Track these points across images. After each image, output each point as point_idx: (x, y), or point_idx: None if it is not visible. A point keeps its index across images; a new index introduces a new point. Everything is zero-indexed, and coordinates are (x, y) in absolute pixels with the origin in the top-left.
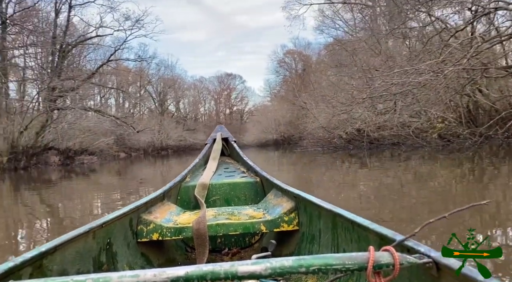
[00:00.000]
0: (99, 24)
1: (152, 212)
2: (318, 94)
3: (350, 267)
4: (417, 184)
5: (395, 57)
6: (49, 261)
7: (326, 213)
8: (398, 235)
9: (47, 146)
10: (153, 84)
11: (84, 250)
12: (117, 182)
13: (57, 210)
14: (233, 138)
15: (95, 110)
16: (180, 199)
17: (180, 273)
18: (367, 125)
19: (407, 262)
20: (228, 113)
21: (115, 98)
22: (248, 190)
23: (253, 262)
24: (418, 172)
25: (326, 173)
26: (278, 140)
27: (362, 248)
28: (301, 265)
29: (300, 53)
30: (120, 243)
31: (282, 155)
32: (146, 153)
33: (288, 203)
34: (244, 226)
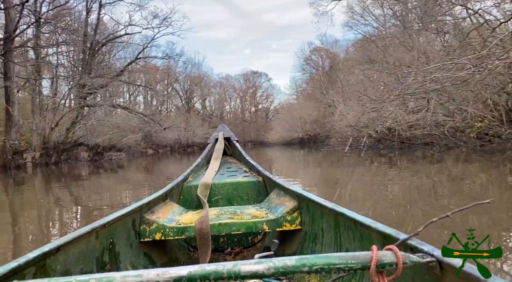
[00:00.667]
0: (128, 22)
1: (155, 211)
2: (346, 92)
3: (353, 266)
4: (452, 186)
5: (429, 53)
6: (52, 261)
7: (329, 212)
8: (401, 234)
9: (77, 142)
10: (180, 82)
11: (87, 250)
12: (144, 178)
13: (85, 204)
14: (235, 138)
15: (123, 107)
16: (183, 199)
17: (183, 273)
18: (399, 124)
19: (411, 261)
20: (253, 111)
21: (143, 96)
22: (251, 189)
23: (256, 262)
24: (454, 173)
25: (354, 173)
26: (303, 139)
27: (365, 247)
28: (303, 265)
29: (327, 51)
30: (123, 243)
31: (308, 154)
32: (173, 150)
33: (290, 202)
34: (247, 226)
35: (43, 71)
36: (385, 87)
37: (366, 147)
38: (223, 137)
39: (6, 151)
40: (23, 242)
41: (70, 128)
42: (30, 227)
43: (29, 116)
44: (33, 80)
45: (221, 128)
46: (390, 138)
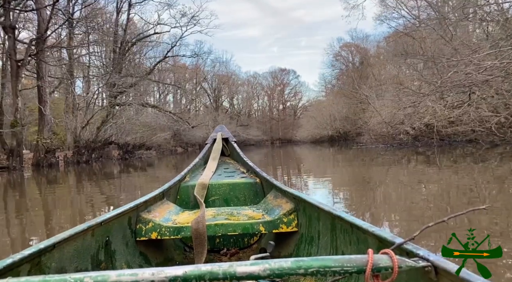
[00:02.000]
0: (157, 22)
1: (151, 211)
2: (380, 87)
3: (349, 270)
4: (497, 188)
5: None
6: (48, 258)
7: (326, 215)
8: (397, 238)
9: (107, 141)
10: (208, 80)
11: (83, 248)
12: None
13: (114, 202)
14: (233, 139)
15: (152, 106)
16: (180, 199)
17: (178, 273)
18: (438, 120)
19: (406, 266)
20: (281, 109)
21: (173, 94)
22: (248, 190)
23: (252, 263)
24: (499, 174)
25: (389, 173)
26: (333, 136)
27: (361, 250)
28: (299, 267)
29: (357, 46)
30: (118, 242)
31: (338, 152)
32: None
33: (287, 204)
34: (243, 227)
35: (76, 71)
36: (423, 81)
37: (402, 144)
38: (221, 138)
39: (39, 149)
40: None
41: (100, 127)
42: (62, 223)
43: (64, 116)
44: (66, 80)
45: (219, 129)
46: (429, 135)
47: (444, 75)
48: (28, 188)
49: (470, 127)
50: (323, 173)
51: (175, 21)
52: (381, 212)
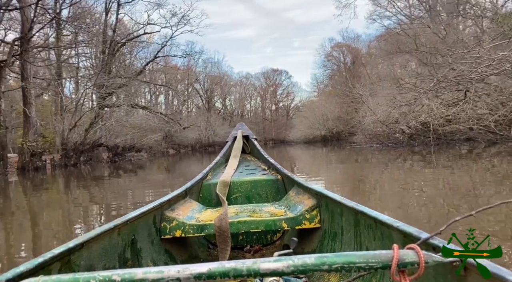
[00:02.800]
0: (147, 22)
1: (175, 209)
2: (373, 86)
3: (374, 265)
4: (496, 187)
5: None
6: (77, 256)
7: (348, 211)
8: (423, 233)
9: (96, 143)
10: (200, 81)
11: (110, 246)
12: (164, 179)
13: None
14: (253, 136)
15: (141, 107)
16: (202, 197)
17: (203, 270)
18: (434, 118)
19: (433, 261)
20: (274, 109)
21: (164, 96)
22: (269, 187)
23: (275, 259)
24: (498, 172)
25: (384, 173)
26: (326, 136)
27: (386, 246)
28: (323, 263)
29: (348, 46)
30: (144, 240)
31: (331, 152)
32: (194, 149)
33: (309, 200)
34: (266, 223)
35: (66, 73)
36: (418, 78)
37: (397, 143)
38: (241, 135)
39: (24, 152)
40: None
41: (88, 129)
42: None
43: (52, 118)
44: (53, 82)
45: (240, 127)
46: (425, 134)
47: (440, 72)
48: (13, 192)
49: (468, 125)
50: (317, 173)
51: (165, 21)
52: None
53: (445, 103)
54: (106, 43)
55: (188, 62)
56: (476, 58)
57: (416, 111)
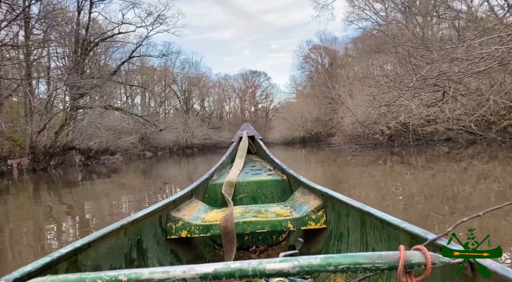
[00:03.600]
0: (121, 21)
1: (181, 209)
2: (352, 86)
3: (380, 266)
4: (475, 187)
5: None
6: (84, 256)
7: (355, 211)
8: (430, 234)
9: (66, 146)
10: (178, 82)
11: (116, 246)
12: (140, 183)
13: (66, 216)
14: (259, 136)
15: (115, 108)
16: (208, 197)
17: (208, 270)
18: (414, 119)
19: (440, 262)
20: (253, 111)
21: (141, 97)
22: (275, 187)
23: (281, 260)
24: (476, 173)
25: (364, 175)
26: (305, 137)
27: (392, 247)
28: (329, 264)
29: (326, 48)
30: (150, 240)
31: (310, 153)
32: (172, 152)
33: (315, 201)
34: (271, 224)
35: (36, 73)
36: (397, 78)
37: (377, 144)
38: (247, 136)
39: None
40: None
41: (59, 131)
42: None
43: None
44: (20, 82)
45: (245, 127)
46: (404, 135)
47: (420, 71)
48: None
49: (448, 125)
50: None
51: (141, 21)
52: None
53: (424, 104)
54: (78, 42)
55: (165, 63)
56: (454, 59)
57: (395, 111)
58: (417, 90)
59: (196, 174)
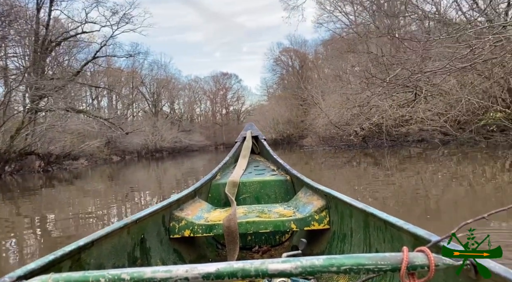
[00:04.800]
0: (85, 20)
1: (184, 209)
2: (325, 87)
3: (383, 268)
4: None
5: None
6: (87, 255)
7: (358, 212)
8: (434, 235)
9: (23, 150)
10: (146, 84)
11: (119, 245)
12: (107, 189)
13: (31, 228)
14: (263, 137)
15: (77, 111)
16: (211, 197)
17: (211, 270)
18: (387, 119)
19: (443, 264)
20: (224, 113)
21: (107, 99)
22: (278, 188)
23: (284, 260)
24: (451, 173)
25: (337, 176)
26: (277, 139)
27: (395, 248)
28: (332, 264)
29: (296, 51)
30: (153, 239)
31: (282, 155)
32: (140, 156)
33: (318, 201)
34: (274, 224)
35: None
36: (370, 79)
37: (351, 146)
38: (251, 136)
39: None
40: None
41: (14, 135)
42: None
43: None
44: None
45: (249, 127)
46: (378, 135)
47: (393, 72)
48: None
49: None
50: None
51: (105, 20)
52: None
53: (397, 104)
54: (38, 42)
55: (133, 64)
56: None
57: (369, 112)
58: (390, 91)
59: (165, 178)
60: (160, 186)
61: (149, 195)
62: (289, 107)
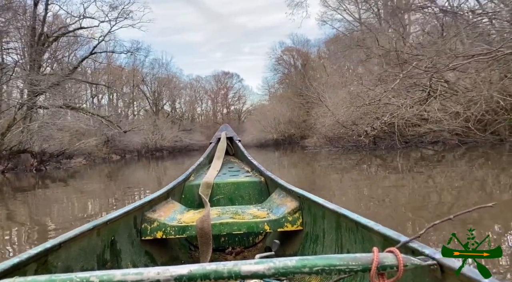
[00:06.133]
0: (83, 15)
1: (156, 210)
2: (331, 84)
3: (354, 268)
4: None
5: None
6: (54, 257)
7: (330, 213)
8: (403, 236)
9: (15, 148)
10: (147, 83)
11: (88, 247)
12: (105, 189)
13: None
14: (237, 138)
15: (71, 107)
16: (184, 198)
17: (183, 272)
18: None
19: (411, 264)
20: (225, 113)
21: (108, 98)
22: (252, 189)
23: (256, 262)
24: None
25: (343, 180)
26: (278, 140)
27: (366, 249)
28: (304, 265)
29: (298, 50)
30: (124, 241)
31: (283, 156)
32: (140, 155)
33: (292, 203)
34: (248, 225)
35: None
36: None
37: (359, 147)
38: (225, 137)
39: None
40: None
41: (5, 133)
42: None
43: None
44: None
45: (224, 128)
46: (390, 136)
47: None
48: None
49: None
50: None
51: (104, 15)
52: None
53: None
54: (35, 36)
55: (133, 62)
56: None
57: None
58: (404, 87)
59: (165, 177)
60: (162, 185)
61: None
62: (291, 107)
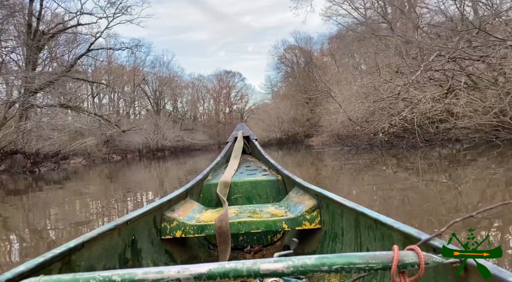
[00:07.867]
0: (80, 11)
1: (175, 209)
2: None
3: (374, 266)
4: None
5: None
6: (77, 257)
7: (349, 211)
8: (424, 234)
9: (6, 149)
10: (149, 82)
11: (110, 247)
12: (105, 191)
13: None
14: (254, 137)
15: (66, 106)
16: (202, 197)
17: (203, 270)
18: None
19: (433, 262)
20: (227, 112)
21: (109, 97)
22: (270, 188)
23: (275, 260)
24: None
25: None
26: (282, 139)
27: (386, 247)
28: (323, 264)
29: (301, 48)
30: (144, 240)
31: (287, 155)
32: (141, 155)
33: (310, 201)
34: (266, 224)
35: None
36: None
37: (374, 146)
38: (242, 136)
39: None
40: None
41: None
42: None
43: None
44: None
45: (240, 127)
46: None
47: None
48: None
49: (473, 122)
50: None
51: (102, 11)
52: None
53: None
54: (30, 34)
55: (134, 61)
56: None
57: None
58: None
59: (168, 179)
60: (165, 187)
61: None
62: (294, 105)
